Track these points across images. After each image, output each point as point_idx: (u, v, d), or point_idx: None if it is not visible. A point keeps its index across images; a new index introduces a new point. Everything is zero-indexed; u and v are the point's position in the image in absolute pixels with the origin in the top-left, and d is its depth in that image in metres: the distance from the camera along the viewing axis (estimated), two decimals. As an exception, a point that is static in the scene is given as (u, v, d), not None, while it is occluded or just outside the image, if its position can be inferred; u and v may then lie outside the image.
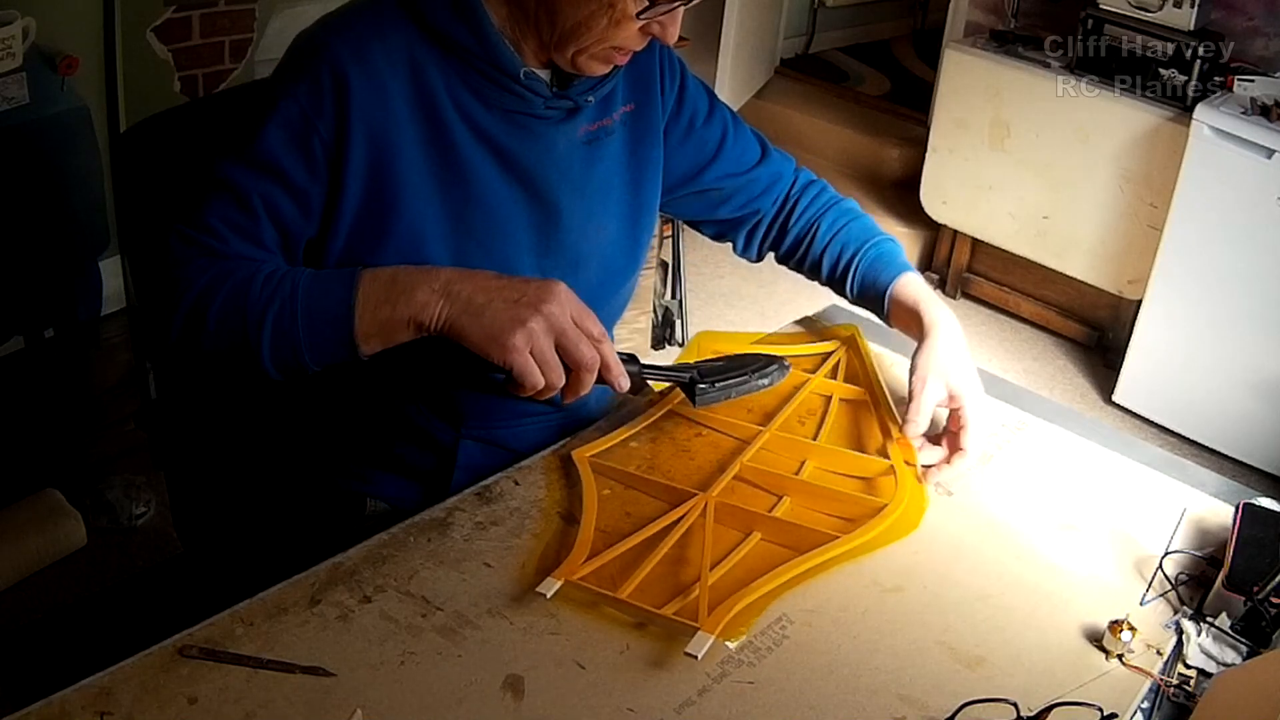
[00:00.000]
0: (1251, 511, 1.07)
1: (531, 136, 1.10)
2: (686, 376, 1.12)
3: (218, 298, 0.97)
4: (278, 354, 0.97)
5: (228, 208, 1.00)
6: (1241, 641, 0.96)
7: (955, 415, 1.17)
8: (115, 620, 1.95)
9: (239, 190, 1.00)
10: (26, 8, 1.92)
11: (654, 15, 1.01)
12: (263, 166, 1.01)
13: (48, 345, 2.16)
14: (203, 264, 0.98)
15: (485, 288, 0.95)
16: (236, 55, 2.31)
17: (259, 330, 0.96)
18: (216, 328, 0.97)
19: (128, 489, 2.18)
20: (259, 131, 1.00)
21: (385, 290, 0.95)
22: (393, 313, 0.95)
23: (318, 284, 0.97)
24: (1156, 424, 2.81)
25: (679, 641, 0.90)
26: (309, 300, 0.96)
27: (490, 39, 1.03)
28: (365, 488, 1.20)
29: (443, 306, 0.94)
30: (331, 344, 0.96)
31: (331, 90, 1.00)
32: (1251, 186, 2.47)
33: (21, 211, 2.04)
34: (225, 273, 0.98)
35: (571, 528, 1.03)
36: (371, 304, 0.95)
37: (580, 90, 1.10)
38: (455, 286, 0.95)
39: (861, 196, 3.65)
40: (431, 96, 1.04)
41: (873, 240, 1.30)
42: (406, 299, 0.94)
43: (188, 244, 0.99)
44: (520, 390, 0.95)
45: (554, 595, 0.93)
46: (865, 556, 1.03)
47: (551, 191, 1.12)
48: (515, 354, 0.93)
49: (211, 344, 0.98)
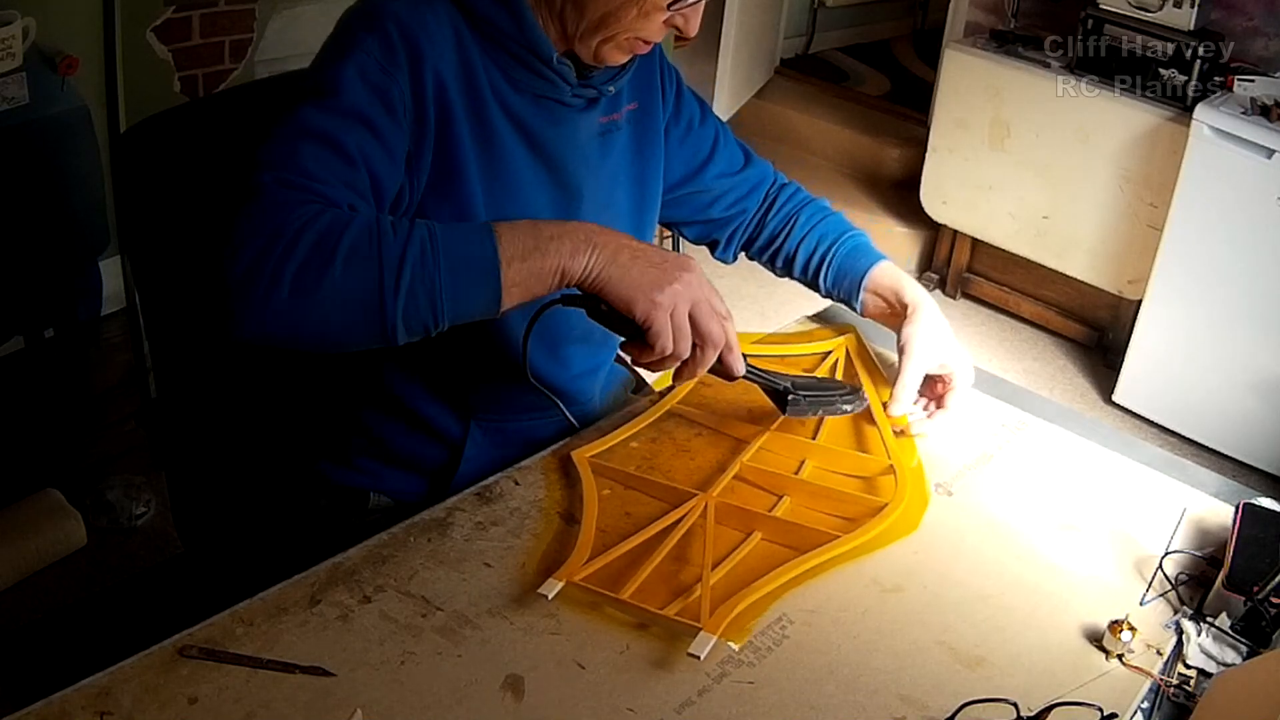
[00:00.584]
0: (1251, 511, 1.07)
1: (557, 121, 1.12)
2: (782, 385, 1.13)
3: (345, 235, 0.88)
4: (412, 303, 0.89)
5: (325, 155, 0.94)
6: (1241, 641, 0.96)
7: (944, 380, 1.22)
8: (115, 620, 1.95)
9: (332, 139, 0.95)
10: (26, 8, 1.92)
11: (682, 7, 1.03)
12: (352, 116, 0.96)
13: (48, 345, 2.16)
14: (314, 207, 0.90)
15: (628, 245, 0.95)
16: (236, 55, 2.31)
17: (398, 270, 0.88)
18: (344, 268, 0.88)
19: (128, 489, 2.18)
20: (339, 85, 0.97)
21: (529, 239, 0.92)
22: (542, 262, 0.92)
23: (453, 230, 0.92)
24: (1156, 424, 2.81)
25: (679, 641, 0.90)
26: (450, 244, 0.90)
27: (528, 22, 1.05)
28: (369, 482, 1.20)
29: (592, 255, 0.93)
30: (476, 293, 0.91)
31: (402, 47, 1.00)
32: (1251, 186, 2.47)
33: (21, 211, 2.04)
34: (345, 215, 0.90)
35: (572, 528, 1.03)
36: (518, 252, 0.92)
37: (601, 80, 1.12)
38: (599, 239, 0.94)
39: (861, 196, 3.66)
40: (473, 71, 1.05)
41: (849, 233, 1.35)
42: (556, 247, 0.93)
43: (289, 188, 0.91)
44: (644, 355, 0.95)
45: (556, 596, 0.93)
46: (865, 556, 1.03)
47: (574, 177, 1.14)
48: (658, 310, 0.93)
49: (334, 288, 0.88)
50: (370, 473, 1.20)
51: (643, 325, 0.94)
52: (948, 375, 1.23)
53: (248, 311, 0.88)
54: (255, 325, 0.89)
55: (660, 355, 0.95)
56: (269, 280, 0.87)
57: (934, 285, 3.43)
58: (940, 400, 1.23)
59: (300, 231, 0.88)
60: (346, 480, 1.21)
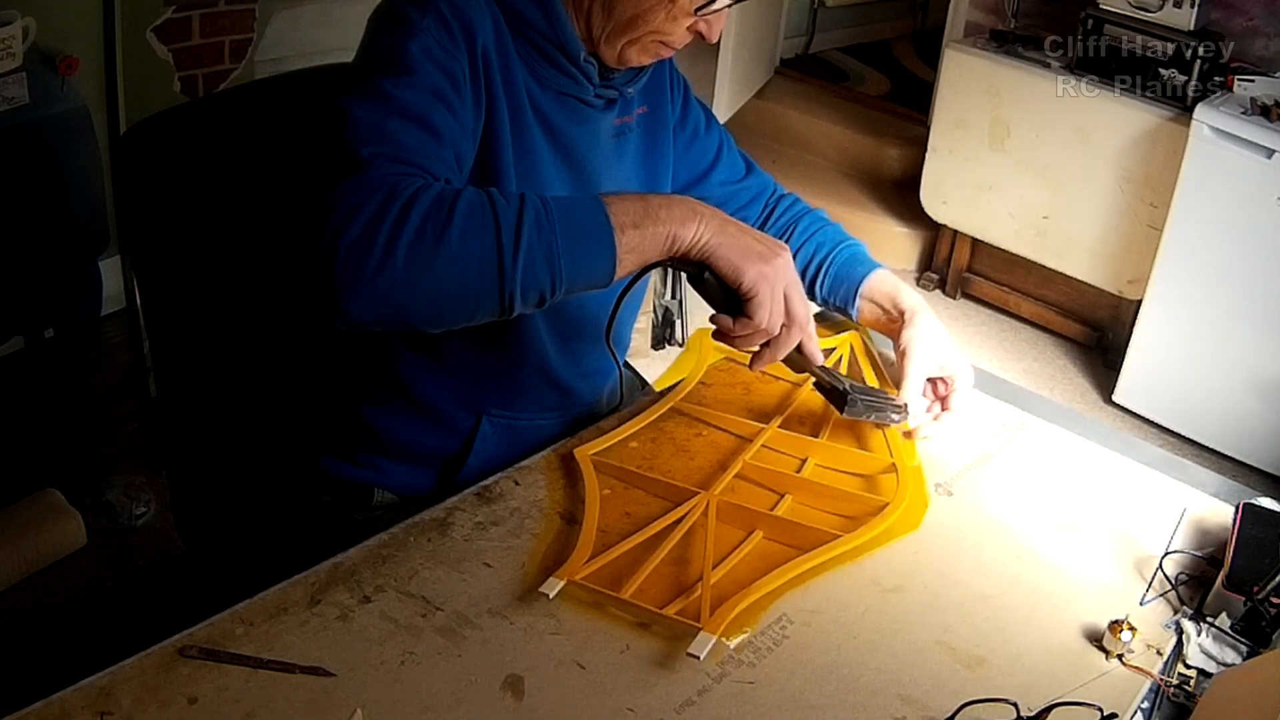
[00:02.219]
0: (1251, 511, 1.07)
1: (580, 119, 1.13)
2: (843, 386, 1.14)
3: (458, 204, 0.87)
4: (530, 270, 0.88)
5: (416, 131, 0.94)
6: (1241, 641, 0.96)
7: (945, 381, 1.23)
8: (115, 620, 1.95)
9: (419, 115, 0.94)
10: (26, 8, 1.92)
11: (710, 12, 1.05)
12: (431, 91, 0.96)
13: (48, 345, 2.16)
14: (417, 179, 0.89)
15: (731, 220, 0.97)
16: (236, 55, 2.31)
17: (515, 235, 0.87)
18: (462, 234, 0.86)
19: (128, 489, 2.18)
20: (413, 62, 0.96)
21: (639, 208, 0.94)
22: (655, 228, 0.93)
23: (564, 201, 0.92)
24: (1156, 424, 2.81)
25: (679, 641, 0.90)
26: (564, 213, 0.90)
27: (561, 19, 1.06)
28: (372, 477, 1.20)
29: (701, 224, 0.95)
30: (594, 259, 0.91)
31: (457, 24, 1.00)
32: (1251, 186, 2.47)
33: (21, 211, 2.04)
34: (452, 188, 0.89)
35: (572, 528, 1.03)
36: (631, 219, 0.92)
37: (621, 81, 1.14)
38: (703, 209, 0.96)
39: (861, 196, 3.66)
40: (509, 61, 1.06)
41: (845, 242, 1.35)
42: (667, 214, 0.94)
43: (391, 161, 0.89)
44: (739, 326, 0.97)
45: (557, 595, 0.93)
46: (865, 556, 1.03)
47: (594, 174, 1.15)
48: (765, 282, 0.95)
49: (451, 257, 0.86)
50: (374, 468, 1.20)
51: (747, 295, 0.95)
52: (949, 377, 1.23)
53: (358, 288, 0.85)
54: (365, 302, 0.86)
55: (756, 328, 0.97)
56: (382, 251, 0.85)
57: (934, 285, 3.43)
58: (944, 402, 1.24)
59: (411, 201, 0.86)
60: (350, 476, 1.21)
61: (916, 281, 3.45)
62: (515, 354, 1.16)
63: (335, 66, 1.21)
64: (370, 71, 0.97)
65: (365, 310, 0.86)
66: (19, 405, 2.15)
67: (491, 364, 1.16)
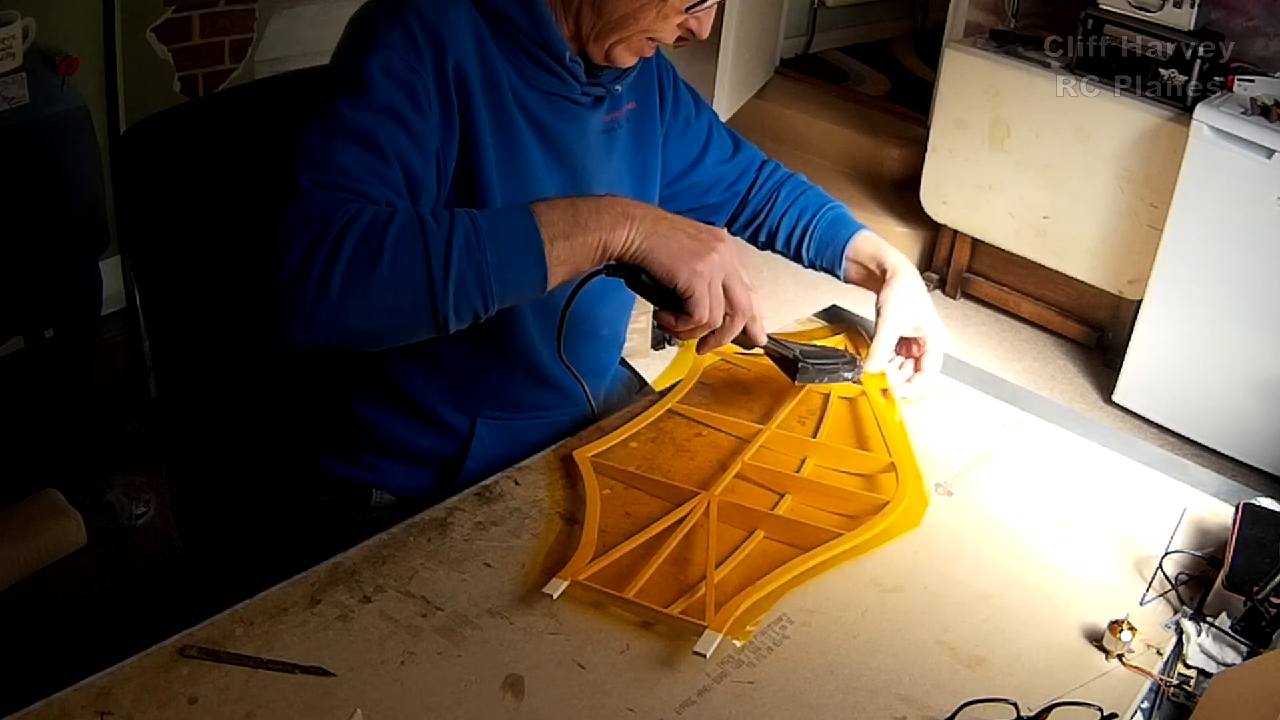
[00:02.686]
0: (1251, 511, 1.07)
1: (569, 118, 1.13)
2: (792, 354, 1.17)
3: (389, 230, 0.89)
4: (462, 291, 0.90)
5: (359, 153, 0.95)
6: (1241, 641, 0.96)
7: (919, 343, 1.27)
8: (115, 620, 1.95)
9: (366, 135, 0.95)
10: (26, 8, 1.92)
11: (701, 9, 1.06)
12: (383, 111, 0.97)
13: (48, 345, 2.16)
14: (354, 205, 0.90)
15: (664, 217, 0.98)
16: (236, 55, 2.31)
17: (445, 259, 0.89)
18: (392, 262, 0.88)
19: (128, 489, 2.18)
20: (368, 80, 0.97)
21: (569, 217, 0.94)
22: (585, 238, 0.94)
23: (493, 215, 0.93)
24: (1156, 424, 2.81)
25: (680, 641, 0.91)
26: (494, 228, 0.91)
27: (545, 20, 1.06)
28: (371, 478, 1.20)
29: (632, 229, 0.95)
30: (524, 274, 0.92)
31: (425, 41, 1.00)
32: (1251, 186, 2.47)
33: (21, 211, 2.04)
34: (386, 211, 0.91)
35: (572, 528, 1.03)
36: (560, 230, 0.93)
37: (609, 79, 1.14)
38: (635, 211, 0.96)
39: (861, 196, 3.66)
40: (492, 66, 1.06)
41: (829, 205, 1.38)
42: (596, 222, 0.94)
43: (328, 188, 0.92)
44: (681, 322, 0.98)
45: (561, 595, 0.93)
46: (865, 556, 1.03)
47: (584, 172, 1.16)
48: (700, 280, 0.96)
49: (382, 284, 0.88)
50: (373, 469, 1.20)
51: (684, 294, 0.97)
52: (923, 338, 1.27)
53: (297, 316, 0.88)
54: (305, 329, 0.89)
55: (698, 323, 0.98)
56: (318, 281, 0.87)
57: (934, 285, 3.43)
58: (917, 363, 1.28)
59: (344, 230, 0.88)
60: (349, 476, 1.21)
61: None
62: (507, 356, 1.16)
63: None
64: (328, 87, 0.99)
65: (305, 337, 0.89)
66: (19, 405, 2.15)
67: (483, 366, 1.17)
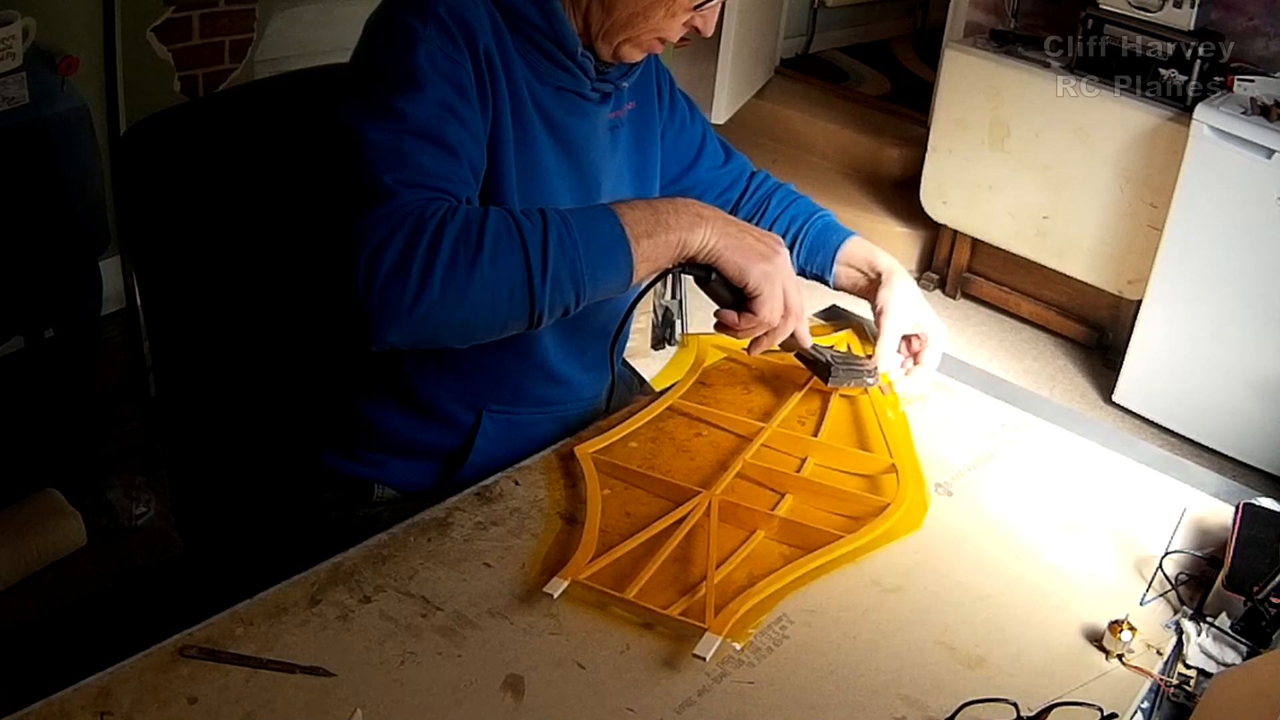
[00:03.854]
0: (1251, 511, 1.07)
1: (579, 113, 1.14)
2: (824, 358, 1.22)
3: (486, 227, 0.91)
4: (557, 287, 0.93)
5: (433, 151, 0.96)
6: (1241, 641, 0.96)
7: (919, 338, 1.30)
8: (115, 620, 1.95)
9: (433, 133, 0.96)
10: (26, 8, 1.92)
11: (707, 7, 1.07)
12: (440, 106, 0.97)
13: (48, 345, 2.16)
14: (445, 203, 0.92)
15: (732, 221, 1.03)
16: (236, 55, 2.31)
17: (543, 253, 0.92)
18: (492, 257, 0.90)
19: (128, 489, 2.18)
20: (415, 75, 0.97)
21: (649, 216, 0.98)
22: (667, 236, 0.98)
23: (579, 216, 0.96)
24: (1156, 424, 2.81)
25: (680, 641, 0.91)
26: (583, 229, 0.95)
27: (558, 16, 1.07)
28: (373, 473, 1.20)
29: (708, 230, 1.00)
30: (614, 271, 0.96)
31: (458, 29, 1.01)
32: (1251, 186, 2.47)
33: (21, 211, 2.04)
34: (477, 209, 0.92)
35: (573, 528, 1.03)
36: (644, 229, 0.97)
37: (615, 75, 1.15)
38: (706, 213, 1.01)
39: (861, 196, 3.66)
40: (509, 59, 1.07)
41: (819, 213, 1.40)
42: (675, 221, 0.99)
43: (413, 187, 0.92)
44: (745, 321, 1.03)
45: (561, 595, 0.93)
46: (865, 556, 1.03)
47: (593, 168, 1.17)
48: (769, 281, 1.01)
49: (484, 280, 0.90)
50: (375, 464, 1.20)
51: (752, 294, 1.02)
52: (923, 334, 1.29)
53: (396, 315, 0.89)
54: (402, 328, 0.89)
55: (760, 322, 1.03)
56: (417, 282, 0.88)
57: (934, 285, 3.43)
58: (916, 357, 1.30)
59: (441, 228, 0.89)
60: (351, 471, 1.21)
61: (916, 281, 3.43)
62: (515, 350, 1.16)
63: (335, 66, 1.21)
64: (378, 87, 0.98)
65: (402, 337, 0.90)
66: (19, 405, 2.15)
67: (491, 361, 1.17)
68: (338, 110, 0.98)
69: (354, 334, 0.90)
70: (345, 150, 0.95)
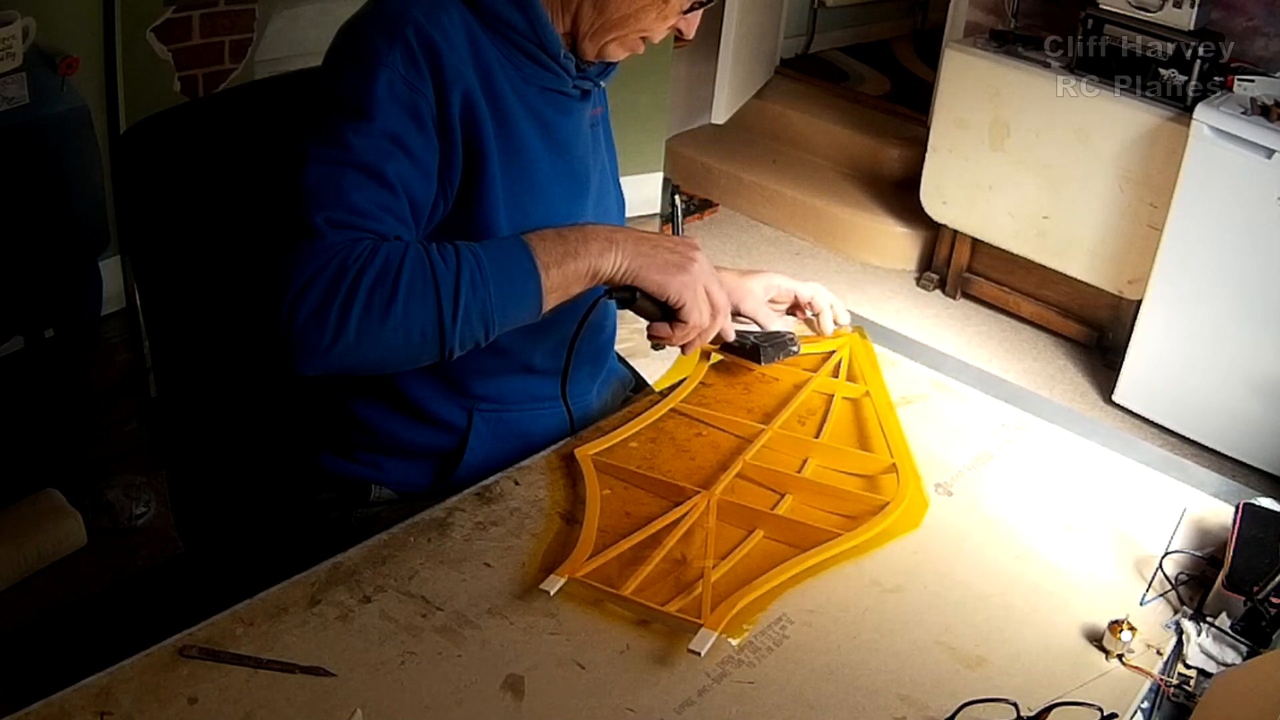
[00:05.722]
0: (1251, 511, 1.07)
1: (565, 110, 1.16)
2: (750, 343, 1.26)
3: (402, 274, 0.95)
4: (468, 325, 0.97)
5: (369, 187, 0.98)
6: (1241, 641, 0.96)
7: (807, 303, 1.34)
8: (115, 620, 1.95)
9: (373, 168, 0.99)
10: (26, 8, 1.91)
11: (699, 11, 1.10)
12: (389, 138, 1.00)
13: (48, 345, 2.16)
14: (367, 244, 0.96)
15: (643, 238, 1.05)
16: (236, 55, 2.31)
17: (454, 300, 0.96)
18: (405, 305, 0.95)
19: (128, 489, 2.18)
20: (372, 104, 0.99)
21: (558, 246, 1.01)
22: (575, 264, 1.01)
23: (493, 249, 0.99)
24: (1156, 424, 2.80)
25: (680, 641, 0.91)
26: (495, 265, 0.98)
27: (541, 19, 1.08)
28: (370, 474, 1.20)
29: (618, 254, 1.02)
30: (523, 305, 1.00)
31: (424, 55, 1.02)
32: (1251, 186, 2.47)
33: (21, 211, 2.04)
34: (398, 250, 0.96)
35: (572, 528, 1.03)
36: (553, 259, 1.00)
37: (594, 73, 1.17)
38: (618, 236, 1.03)
39: (861, 196, 3.66)
40: (488, 67, 1.08)
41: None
42: (584, 250, 1.01)
43: (340, 228, 0.96)
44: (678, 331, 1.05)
45: (558, 592, 0.93)
46: (865, 556, 1.03)
47: (582, 164, 1.19)
48: (689, 291, 1.04)
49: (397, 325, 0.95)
50: (372, 464, 1.20)
51: (676, 305, 1.04)
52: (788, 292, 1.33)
53: (314, 354, 0.94)
54: (317, 366, 0.95)
55: (692, 330, 1.05)
56: (335, 326, 0.93)
57: (934, 285, 3.43)
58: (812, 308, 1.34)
59: (360, 274, 0.94)
60: (348, 472, 1.21)
61: (917, 281, 3.44)
62: (500, 351, 1.16)
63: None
64: (332, 113, 1.00)
65: (317, 370, 0.96)
66: (19, 405, 2.14)
67: (477, 363, 1.17)
68: (297, 126, 1.01)
69: (277, 361, 0.96)
70: (289, 176, 0.98)
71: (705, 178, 3.81)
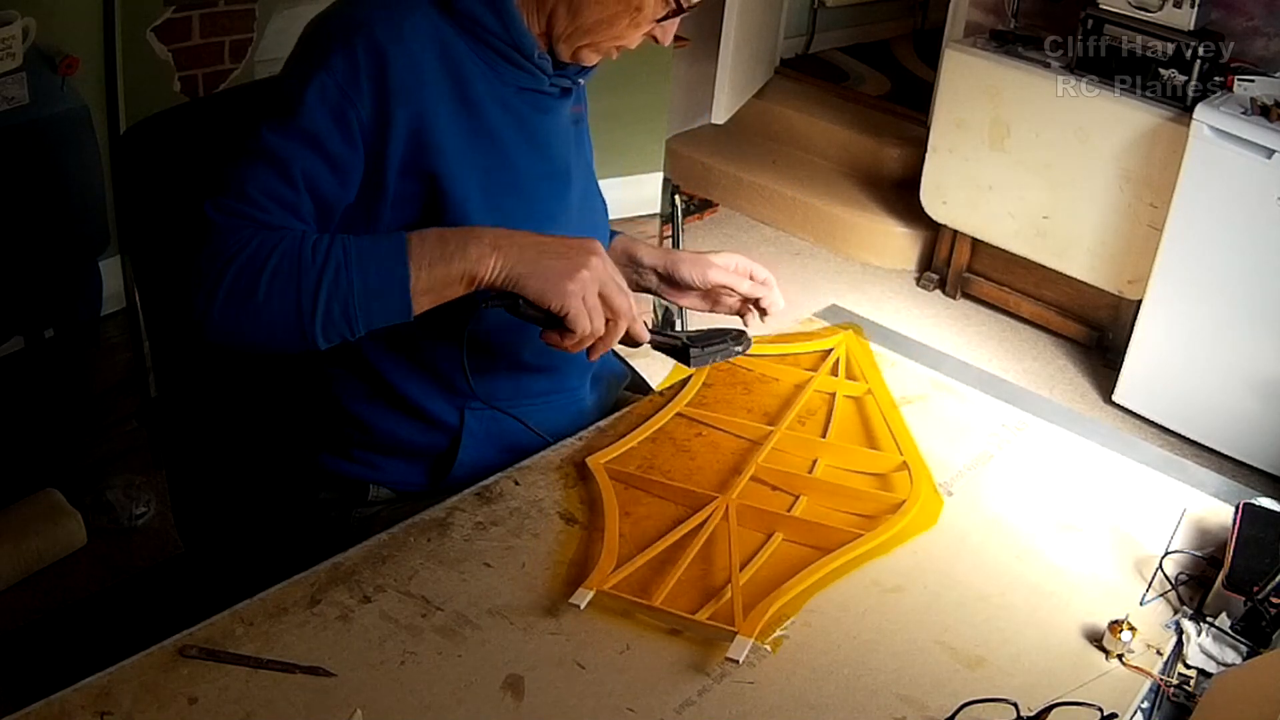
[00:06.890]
0: (1251, 511, 1.07)
1: (544, 110, 1.16)
2: (679, 342, 1.17)
3: (269, 262, 0.96)
4: (329, 319, 0.98)
5: (269, 179, 1.00)
6: (1241, 641, 0.96)
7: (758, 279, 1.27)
8: (115, 620, 1.95)
9: (281, 162, 1.00)
10: (26, 8, 1.91)
11: (672, 20, 1.09)
12: (304, 138, 1.01)
13: (48, 345, 2.16)
14: (247, 233, 0.98)
15: (533, 242, 1.01)
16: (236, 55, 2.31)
17: (314, 293, 0.97)
18: (266, 293, 0.96)
19: (128, 489, 2.18)
20: (298, 104, 1.01)
21: (436, 248, 0.99)
22: (448, 269, 0.99)
23: (368, 246, 0.99)
24: (1156, 424, 2.80)
25: (680, 640, 0.91)
26: (363, 262, 0.98)
27: (514, 21, 1.08)
28: (367, 473, 1.20)
29: (498, 259, 0.99)
30: (388, 303, 0.99)
31: (369, 67, 1.02)
32: (1251, 186, 2.47)
33: (21, 211, 2.04)
34: (273, 240, 0.98)
35: (571, 528, 1.03)
36: (426, 262, 0.98)
37: (573, 71, 1.16)
38: (504, 241, 1.00)
39: (861, 196, 3.66)
40: (459, 70, 1.08)
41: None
42: (461, 254, 0.99)
43: (228, 214, 0.98)
44: (566, 339, 1.01)
45: (587, 605, 0.93)
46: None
47: (563, 161, 1.18)
48: (572, 299, 1.00)
49: (257, 310, 0.97)
50: (369, 464, 1.21)
51: (560, 314, 1.00)
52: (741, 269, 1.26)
53: (197, 327, 0.98)
54: (201, 334, 0.99)
55: (582, 336, 1.01)
56: (203, 306, 0.97)
57: (934, 285, 3.43)
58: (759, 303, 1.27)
59: (229, 262, 0.96)
60: (346, 471, 1.21)
61: (917, 281, 3.45)
62: (487, 348, 1.17)
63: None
64: (265, 105, 1.03)
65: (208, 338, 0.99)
66: (19, 405, 2.14)
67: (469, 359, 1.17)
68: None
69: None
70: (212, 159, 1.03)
71: (705, 178, 3.81)
